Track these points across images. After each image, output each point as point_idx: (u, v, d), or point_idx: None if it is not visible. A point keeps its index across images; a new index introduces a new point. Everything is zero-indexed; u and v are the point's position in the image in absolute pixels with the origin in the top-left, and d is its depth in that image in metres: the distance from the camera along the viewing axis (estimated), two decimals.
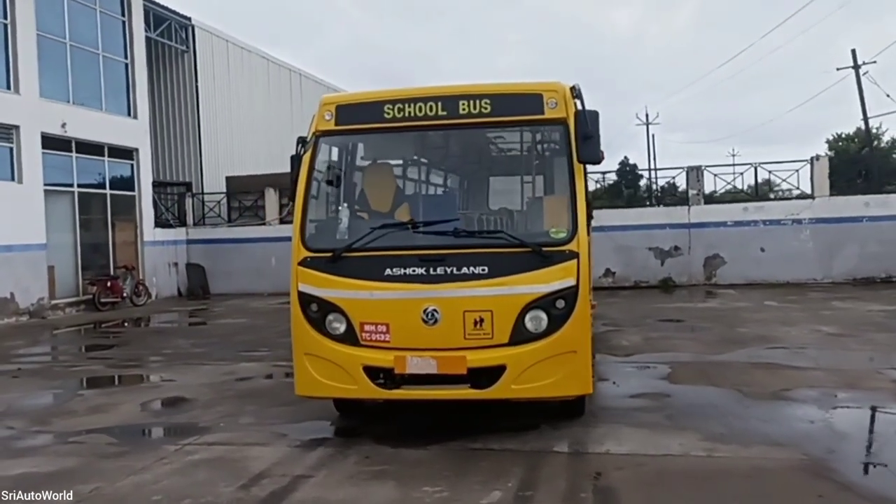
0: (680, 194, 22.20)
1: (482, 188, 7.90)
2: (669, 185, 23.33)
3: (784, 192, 20.84)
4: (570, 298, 5.82)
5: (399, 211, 6.65)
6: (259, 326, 14.60)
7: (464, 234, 6.13)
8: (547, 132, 6.47)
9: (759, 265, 19.71)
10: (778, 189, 20.94)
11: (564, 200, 6.09)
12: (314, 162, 6.44)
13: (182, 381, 9.24)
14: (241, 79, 27.42)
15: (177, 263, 22.69)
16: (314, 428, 6.80)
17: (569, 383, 5.90)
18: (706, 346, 10.44)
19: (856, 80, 27.14)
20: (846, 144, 48.36)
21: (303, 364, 6.22)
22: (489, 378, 5.83)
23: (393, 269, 5.95)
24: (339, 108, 6.39)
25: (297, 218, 6.32)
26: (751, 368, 8.74)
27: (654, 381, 8.25)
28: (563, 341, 5.81)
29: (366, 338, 5.98)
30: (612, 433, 6.23)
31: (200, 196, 24.00)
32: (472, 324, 5.82)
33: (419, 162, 7.68)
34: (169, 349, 12.08)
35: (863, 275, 19.25)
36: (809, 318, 12.90)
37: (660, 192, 23.01)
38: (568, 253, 5.84)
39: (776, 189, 25.12)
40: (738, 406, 7.02)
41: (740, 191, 21.83)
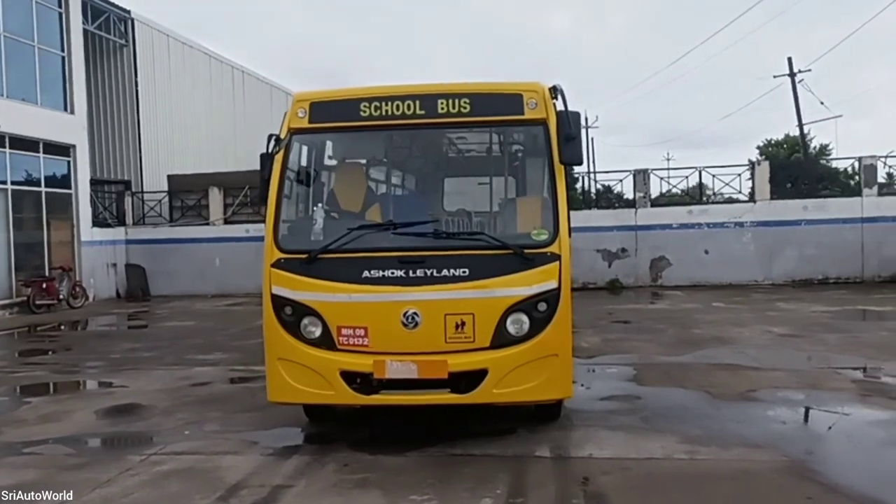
0: (614, 196, 22.38)
1: (462, 189, 7.79)
2: (605, 188, 23.42)
3: (718, 195, 21.23)
4: (553, 301, 5.77)
5: (376, 211, 6.49)
6: (208, 329, 14.19)
7: (444, 235, 6.02)
8: (527, 133, 6.41)
9: (703, 267, 20.14)
10: (718, 193, 21.38)
11: (546, 202, 6.04)
12: (287, 161, 6.22)
13: (135, 387, 8.87)
14: (183, 75, 26.67)
15: (115, 264, 21.93)
16: (285, 435, 6.58)
17: (550, 387, 5.85)
18: (665, 347, 10.55)
19: (791, 88, 28.07)
20: (776, 150, 49.96)
21: (276, 369, 6.00)
22: (470, 382, 5.73)
23: (371, 271, 5.80)
24: (313, 105, 6.19)
25: (270, 218, 6.11)
26: (713, 370, 8.86)
27: (622, 384, 8.28)
28: (545, 345, 5.75)
29: (343, 342, 5.81)
30: (590, 437, 6.20)
31: (140, 195, 23.24)
32: (453, 327, 5.71)
33: (395, 161, 7.53)
34: (115, 353, 11.61)
35: (801, 277, 19.84)
36: (758, 319, 13.19)
37: (595, 195, 23.18)
38: (550, 255, 5.79)
39: (716, 193, 25.58)
40: (709, 408, 7.09)
41: (685, 193, 22.25)
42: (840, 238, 19.71)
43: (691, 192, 22.13)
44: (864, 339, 10.70)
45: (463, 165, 7.62)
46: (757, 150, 51.50)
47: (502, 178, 6.79)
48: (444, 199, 7.58)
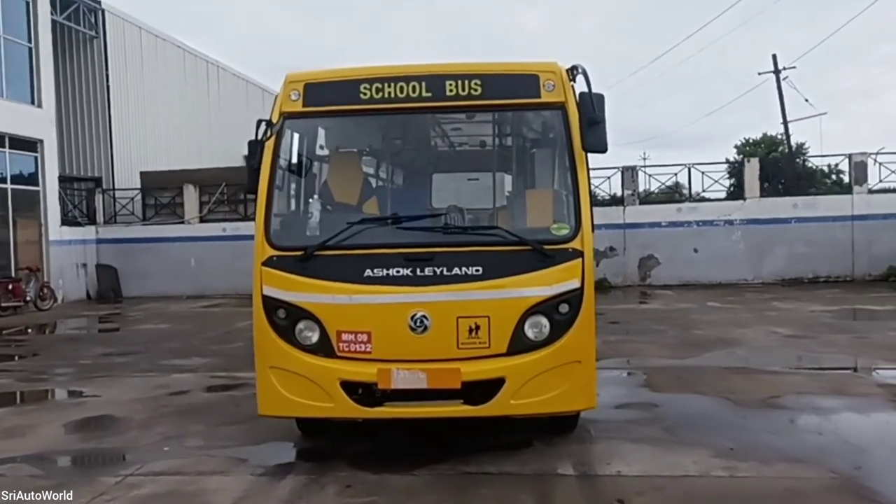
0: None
1: (472, 179, 7.20)
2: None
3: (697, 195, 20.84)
4: (575, 302, 5.22)
5: (378, 204, 5.90)
6: (185, 332, 13.47)
7: (454, 230, 5.44)
8: (544, 117, 5.84)
9: (693, 266, 19.77)
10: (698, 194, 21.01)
11: (566, 194, 5.50)
12: (279, 148, 5.60)
13: (109, 397, 8.18)
14: (156, 68, 25.79)
15: (86, 264, 21.06)
16: (276, 451, 5.98)
17: (572, 397, 5.29)
18: (670, 350, 10.07)
19: (776, 85, 27.85)
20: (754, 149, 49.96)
21: (268, 379, 5.38)
22: (485, 392, 5.17)
23: (374, 269, 5.21)
24: (307, 86, 5.58)
25: (261, 212, 5.48)
26: (727, 374, 8.38)
27: (636, 390, 7.76)
28: (567, 350, 5.20)
29: (343, 348, 5.22)
30: (613, 451, 5.67)
31: (112, 192, 22.37)
32: (466, 331, 5.14)
33: (400, 149, 6.92)
34: (86, 359, 10.88)
35: (791, 275, 19.55)
36: (758, 319, 12.78)
37: None
38: (571, 251, 5.24)
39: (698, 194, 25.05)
40: (733, 416, 6.59)
41: (672, 190, 21.83)
42: (830, 236, 19.44)
43: (669, 191, 21.70)
44: (875, 341, 10.29)
45: (473, 154, 7.04)
46: (735, 149, 51.48)
47: (517, 167, 6.22)
48: (453, 190, 6.99)
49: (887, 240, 19.17)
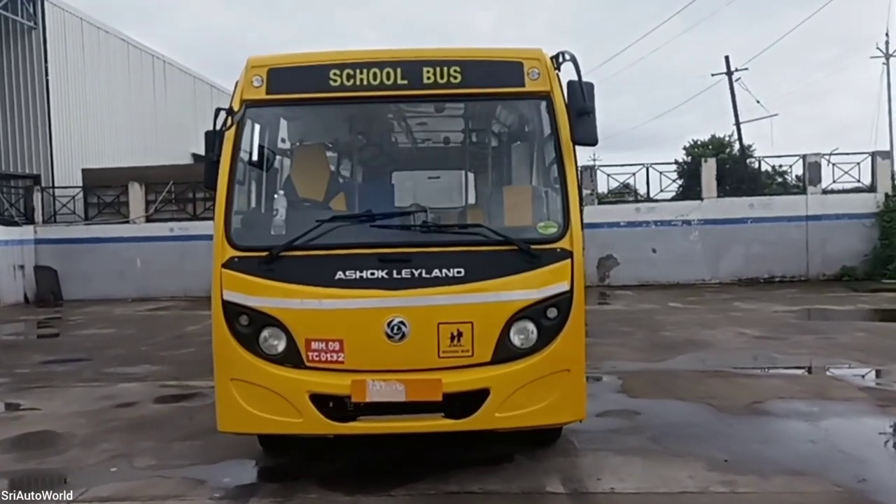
0: None
1: (452, 174, 6.76)
2: None
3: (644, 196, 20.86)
4: (564, 306, 4.85)
5: (348, 200, 5.45)
6: (131, 338, 12.75)
7: (434, 228, 5.02)
8: (528, 108, 5.44)
9: (651, 266, 19.70)
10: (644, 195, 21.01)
11: (553, 189, 5.13)
12: (240, 139, 5.10)
13: (49, 410, 7.54)
14: (99, 62, 24.75)
15: (23, 266, 20.00)
16: (236, 470, 5.47)
17: (561, 409, 4.92)
18: (640, 352, 9.81)
19: (729, 86, 28.03)
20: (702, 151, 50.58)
21: (228, 392, 4.89)
22: (467, 405, 4.77)
23: (346, 271, 4.76)
24: (271, 72, 5.09)
25: (220, 209, 4.97)
26: (703, 377, 8.14)
27: (613, 396, 7.45)
28: (556, 358, 4.83)
29: (313, 358, 4.76)
30: (602, 464, 5.32)
31: (51, 190, 21.33)
32: (447, 339, 4.73)
33: (373, 141, 6.46)
34: (24, 367, 10.14)
35: (748, 275, 19.61)
36: (723, 320, 12.64)
37: None
38: (560, 252, 4.87)
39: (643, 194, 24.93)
40: (719, 424, 6.31)
41: (624, 191, 21.79)
42: (785, 236, 19.56)
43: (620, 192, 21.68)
44: (843, 342, 10.18)
45: (452, 146, 6.62)
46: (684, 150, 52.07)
47: (499, 161, 5.83)
48: (431, 185, 6.57)
49: (840, 240, 19.37)
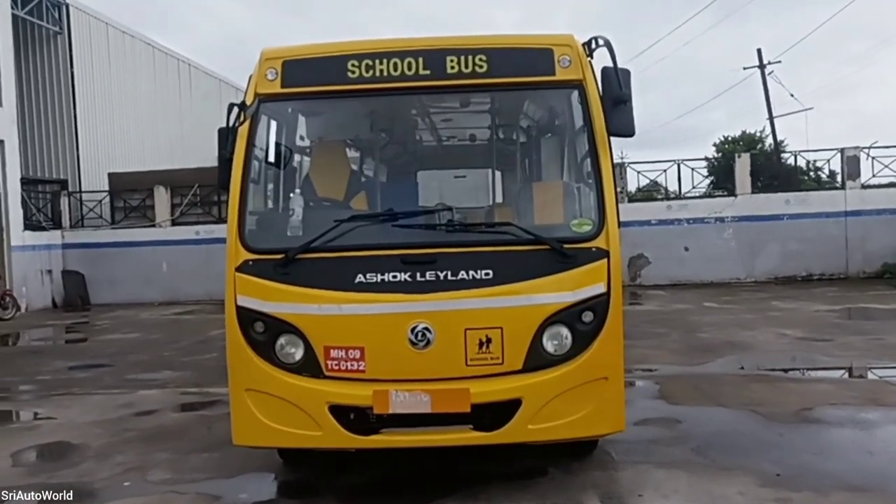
0: None
1: (478, 170, 6.44)
2: None
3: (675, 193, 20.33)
4: (601, 309, 4.51)
5: (369, 200, 5.15)
6: (155, 343, 12.59)
7: (460, 227, 4.70)
8: (559, 98, 5.09)
9: (684, 265, 19.18)
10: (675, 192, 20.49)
11: (587, 184, 4.78)
12: (254, 135, 4.82)
13: (65, 419, 7.34)
14: (124, 66, 24.76)
15: (51, 271, 20.01)
16: (254, 485, 5.20)
17: (599, 420, 4.57)
18: (678, 355, 9.40)
19: (762, 80, 27.43)
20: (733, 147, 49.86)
21: (243, 403, 4.61)
22: (498, 416, 4.45)
23: (367, 274, 4.46)
24: (286, 64, 4.80)
25: (234, 209, 4.70)
26: (746, 382, 7.72)
27: (652, 403, 7.06)
28: (592, 365, 4.49)
29: (332, 367, 4.46)
30: (643, 479, 4.95)
31: (78, 195, 21.33)
32: (475, 345, 4.41)
33: (394, 136, 6.13)
34: (45, 374, 9.99)
35: (784, 273, 19.02)
36: (762, 320, 12.16)
37: None
38: (595, 251, 4.53)
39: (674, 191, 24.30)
40: (768, 433, 5.90)
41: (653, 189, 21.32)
42: (823, 233, 18.92)
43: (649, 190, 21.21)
44: (893, 342, 9.68)
45: (478, 141, 6.28)
46: (713, 146, 51.30)
47: (529, 157, 5.49)
48: (457, 184, 6.23)
49: (881, 236, 18.69)
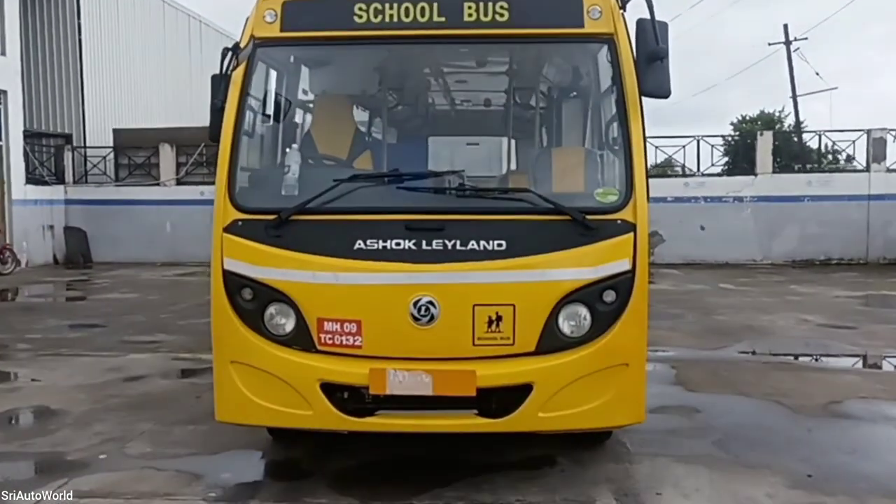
0: None
1: (493, 130, 5.95)
2: None
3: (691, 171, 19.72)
4: (624, 288, 4.06)
5: (376, 162, 4.69)
6: (152, 304, 12.23)
7: (471, 192, 4.25)
8: (587, 53, 4.61)
9: (699, 244, 18.65)
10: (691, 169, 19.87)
11: (614, 150, 4.32)
12: (248, 83, 4.38)
13: (48, 381, 6.99)
14: (133, 20, 24.17)
15: (53, 226, 19.65)
16: (239, 463, 4.81)
17: (617, 409, 4.15)
18: (694, 338, 8.96)
19: (787, 57, 26.64)
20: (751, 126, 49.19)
21: (228, 376, 4.21)
22: (506, 402, 4.03)
23: (368, 241, 4.02)
24: (287, 5, 4.32)
25: (224, 163, 4.28)
26: (768, 369, 7.29)
27: (668, 389, 6.62)
28: (612, 350, 4.06)
29: (326, 341, 4.04)
30: (661, 474, 4.55)
31: (83, 150, 20.92)
32: (484, 323, 3.98)
33: (403, 89, 5.64)
34: (36, 333, 9.64)
35: (802, 257, 18.52)
36: (782, 304, 11.71)
37: None
38: (620, 223, 4.08)
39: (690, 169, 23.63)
40: (795, 428, 5.48)
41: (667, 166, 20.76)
42: (845, 216, 18.33)
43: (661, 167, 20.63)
44: None
45: (495, 97, 5.80)
46: (731, 126, 50.50)
47: (550, 120, 5.02)
48: (469, 150, 5.72)
49: None
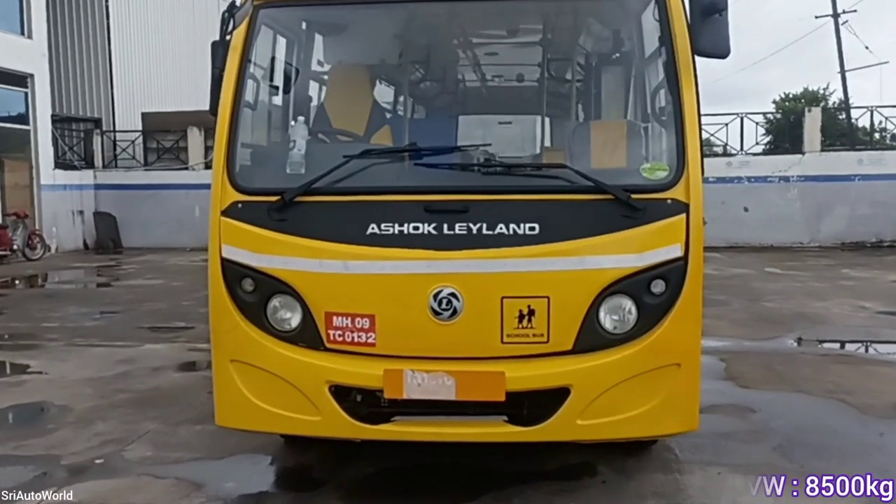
0: None
1: (525, 99, 5.42)
2: None
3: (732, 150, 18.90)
4: (675, 278, 3.53)
5: (393, 137, 4.19)
6: (176, 290, 11.92)
7: (499, 168, 3.74)
8: (631, 9, 4.05)
9: (742, 226, 17.89)
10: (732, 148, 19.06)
11: (663, 120, 3.76)
12: (248, 48, 3.88)
13: (56, 374, 6.66)
14: (162, 4, 23.94)
15: (82, 211, 19.55)
16: (245, 471, 4.38)
17: (666, 416, 3.62)
18: (743, 327, 8.35)
19: (835, 29, 25.47)
20: (794, 104, 47.96)
21: (228, 377, 3.75)
22: (539, 407, 3.52)
23: (382, 224, 3.52)
24: None
25: (221, 138, 3.78)
26: (827, 363, 6.69)
27: (719, 385, 6.05)
28: (662, 348, 3.52)
29: (335, 338, 3.57)
30: (718, 488, 4.02)
31: (112, 134, 20.77)
32: (514, 318, 3.46)
33: (424, 57, 5.09)
34: (53, 321, 9.37)
35: (852, 239, 17.72)
36: (834, 290, 11.01)
37: None
38: (671, 203, 3.55)
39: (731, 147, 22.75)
40: (864, 431, 4.90)
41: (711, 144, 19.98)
42: None
43: None
44: None
45: (527, 63, 5.24)
46: (773, 104, 49.18)
47: (590, 82, 4.46)
48: (500, 129, 5.19)
49: None
